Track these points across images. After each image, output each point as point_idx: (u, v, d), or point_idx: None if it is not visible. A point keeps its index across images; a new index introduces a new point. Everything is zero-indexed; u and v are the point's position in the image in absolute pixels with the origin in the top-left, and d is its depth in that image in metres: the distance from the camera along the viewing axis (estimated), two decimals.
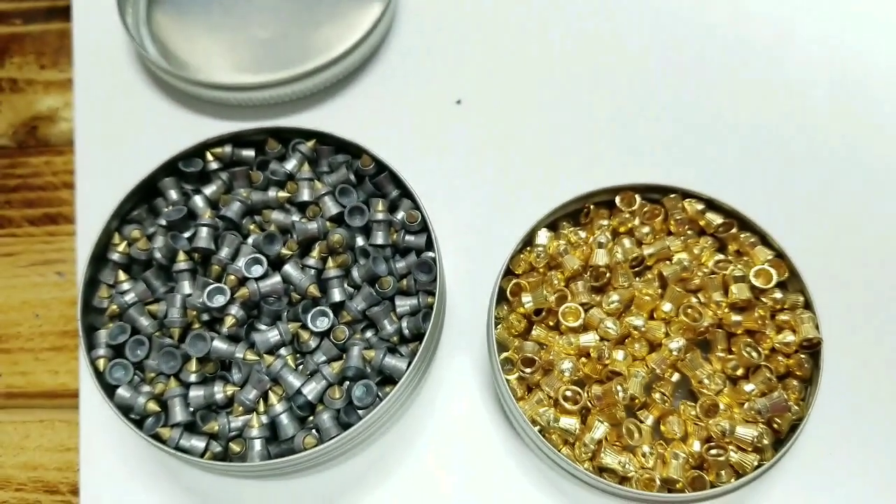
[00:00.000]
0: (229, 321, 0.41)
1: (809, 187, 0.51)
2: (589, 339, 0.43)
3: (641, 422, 0.42)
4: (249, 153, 0.47)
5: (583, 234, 0.47)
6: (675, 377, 0.43)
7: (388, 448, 0.45)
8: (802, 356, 0.42)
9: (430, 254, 0.44)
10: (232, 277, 0.42)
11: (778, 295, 0.43)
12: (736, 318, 0.43)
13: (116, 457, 0.45)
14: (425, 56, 0.56)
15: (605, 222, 0.47)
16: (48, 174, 0.53)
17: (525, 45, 0.56)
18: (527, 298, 0.44)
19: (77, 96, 0.55)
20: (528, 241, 0.46)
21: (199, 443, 0.40)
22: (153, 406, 0.40)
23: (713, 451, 0.40)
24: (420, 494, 0.44)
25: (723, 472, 0.40)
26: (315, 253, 0.43)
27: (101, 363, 0.41)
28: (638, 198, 0.46)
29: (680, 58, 0.55)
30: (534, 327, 0.44)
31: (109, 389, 0.41)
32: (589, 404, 0.41)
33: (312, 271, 0.43)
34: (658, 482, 0.40)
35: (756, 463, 0.40)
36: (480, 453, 0.45)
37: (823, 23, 0.57)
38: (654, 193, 0.47)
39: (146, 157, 0.46)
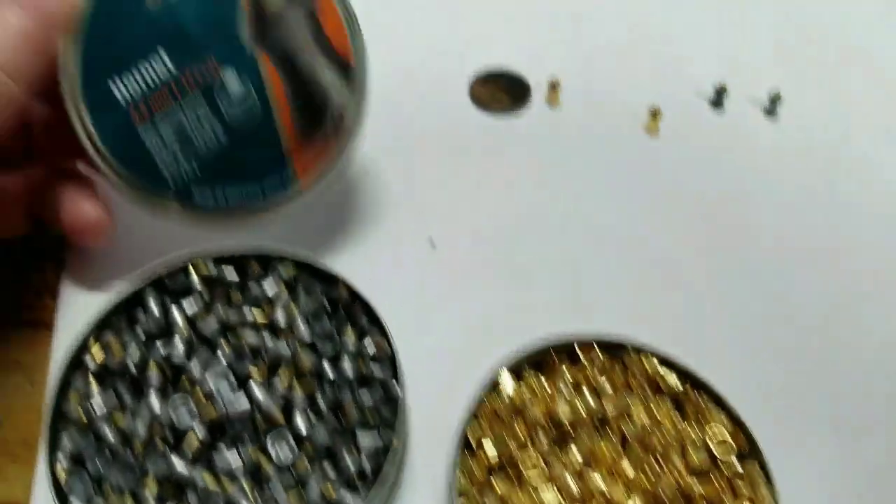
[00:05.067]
0: (193, 441, 0.42)
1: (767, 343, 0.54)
2: (550, 498, 0.43)
3: None
4: (230, 271, 0.49)
5: (543, 378, 0.48)
6: None
7: None
8: None
9: (397, 389, 0.45)
10: (200, 395, 0.43)
11: (735, 463, 0.45)
12: (695, 486, 0.44)
13: None
14: (400, 198, 0.59)
15: (565, 372, 0.48)
16: None
17: (495, 192, 0.61)
18: (490, 449, 0.45)
19: None
20: (492, 385, 0.47)
21: None
22: None
23: None
24: None
25: None
26: (282, 375, 0.44)
27: (60, 472, 0.42)
28: (599, 351, 0.48)
29: (641, 213, 0.60)
30: (493, 479, 0.44)
31: (63, 499, 0.41)
32: None
33: (278, 394, 0.44)
34: None
35: None
36: None
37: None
38: (614, 349, 0.49)
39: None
